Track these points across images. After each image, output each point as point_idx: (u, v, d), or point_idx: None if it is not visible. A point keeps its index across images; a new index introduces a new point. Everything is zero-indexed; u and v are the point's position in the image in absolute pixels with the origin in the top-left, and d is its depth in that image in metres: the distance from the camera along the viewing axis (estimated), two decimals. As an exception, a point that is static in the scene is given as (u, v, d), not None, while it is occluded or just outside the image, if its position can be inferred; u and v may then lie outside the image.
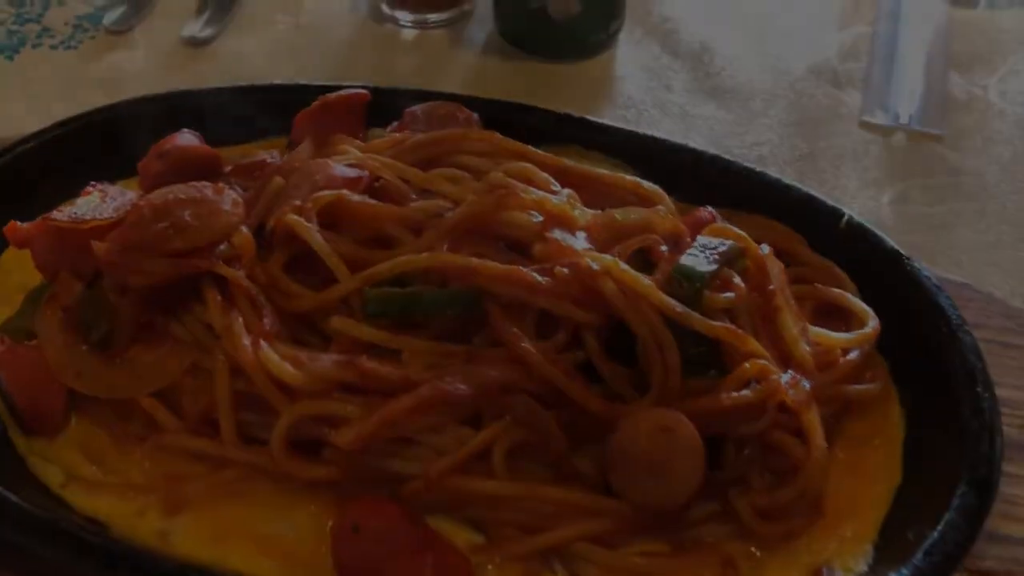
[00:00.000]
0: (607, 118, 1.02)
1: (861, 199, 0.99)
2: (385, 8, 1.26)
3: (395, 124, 0.88)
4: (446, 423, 0.67)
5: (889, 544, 0.67)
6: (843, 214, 0.82)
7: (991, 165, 1.03)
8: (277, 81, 0.98)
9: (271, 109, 0.92)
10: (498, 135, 0.83)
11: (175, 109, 0.91)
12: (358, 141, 0.84)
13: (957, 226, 0.96)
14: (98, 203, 0.77)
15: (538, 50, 1.17)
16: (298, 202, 0.74)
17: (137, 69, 1.17)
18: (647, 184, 0.81)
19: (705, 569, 0.65)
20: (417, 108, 0.87)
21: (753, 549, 0.66)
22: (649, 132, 0.93)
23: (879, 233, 0.81)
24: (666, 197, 0.80)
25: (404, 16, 1.25)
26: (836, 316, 0.78)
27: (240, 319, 0.69)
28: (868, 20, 1.22)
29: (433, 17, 1.24)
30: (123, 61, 1.19)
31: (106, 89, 1.09)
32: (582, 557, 0.65)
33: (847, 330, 0.76)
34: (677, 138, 0.94)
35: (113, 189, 0.80)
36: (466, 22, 1.24)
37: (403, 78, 1.12)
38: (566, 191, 0.76)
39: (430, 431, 0.67)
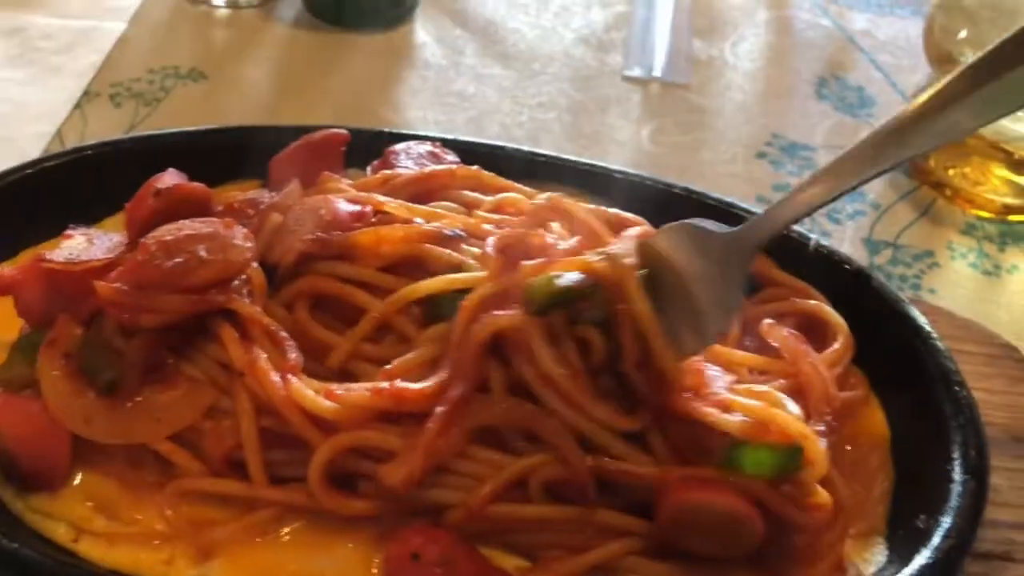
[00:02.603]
0: (410, 79, 1.25)
1: (626, 132, 1.20)
2: None
3: (375, 163, 0.88)
4: (476, 450, 0.67)
5: (898, 535, 0.71)
6: (810, 239, 0.88)
7: (727, 104, 1.26)
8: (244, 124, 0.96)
9: (239, 151, 0.91)
10: (483, 171, 0.85)
11: (136, 153, 0.89)
12: (346, 180, 0.84)
13: (702, 149, 1.18)
14: (85, 245, 0.74)
15: (343, 23, 1.31)
16: (309, 236, 0.73)
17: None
18: (631, 216, 0.84)
19: (742, 573, 0.68)
20: (398, 147, 0.88)
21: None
22: (600, 160, 0.98)
23: (845, 255, 0.87)
24: (647, 225, 0.84)
25: None
26: (815, 331, 0.83)
27: (263, 355, 0.67)
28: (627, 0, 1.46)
29: None
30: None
31: None
32: (628, 571, 0.66)
33: (825, 345, 0.81)
34: (470, 93, 1.19)
35: (95, 232, 0.77)
36: (275, 2, 1.35)
37: (219, 54, 1.25)
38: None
39: (463, 458, 0.67)
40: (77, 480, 0.68)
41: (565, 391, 0.64)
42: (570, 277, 0.66)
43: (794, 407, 0.69)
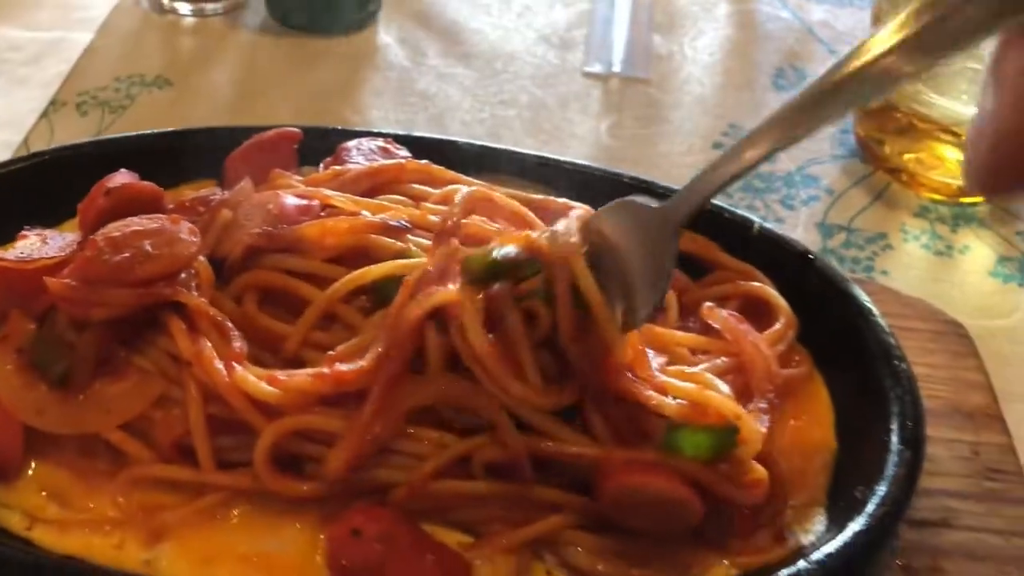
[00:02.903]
0: (373, 81, 1.27)
1: (585, 126, 1.22)
2: (166, 1, 1.36)
3: (327, 160, 0.90)
4: (418, 429, 0.69)
5: (838, 505, 0.73)
6: (753, 222, 0.90)
7: (685, 97, 1.28)
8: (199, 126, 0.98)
9: (195, 152, 0.93)
10: (433, 165, 0.87)
11: (95, 156, 0.91)
12: (297, 176, 0.86)
13: (659, 141, 1.21)
14: (39, 245, 0.76)
15: (307, 28, 1.34)
16: (257, 230, 0.75)
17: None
18: (561, 201, 0.86)
19: (682, 543, 0.69)
20: (349, 143, 0.90)
21: (721, 521, 0.71)
22: (571, 157, 1.00)
23: (789, 237, 0.89)
24: (582, 207, 0.86)
25: (183, 7, 1.36)
26: (759, 313, 0.85)
27: (208, 344, 0.69)
28: (588, -1, 1.47)
29: (210, 7, 1.36)
30: None
31: None
32: (569, 543, 0.68)
33: (769, 325, 0.83)
34: (432, 92, 1.23)
35: (50, 232, 0.79)
36: (241, 10, 1.38)
37: (184, 61, 1.28)
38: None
39: (405, 438, 0.69)
40: (31, 471, 0.70)
41: (488, 367, 0.65)
42: (508, 249, 0.68)
43: (725, 387, 0.71)
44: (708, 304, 0.81)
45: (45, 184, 0.88)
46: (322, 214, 0.80)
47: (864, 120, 1.17)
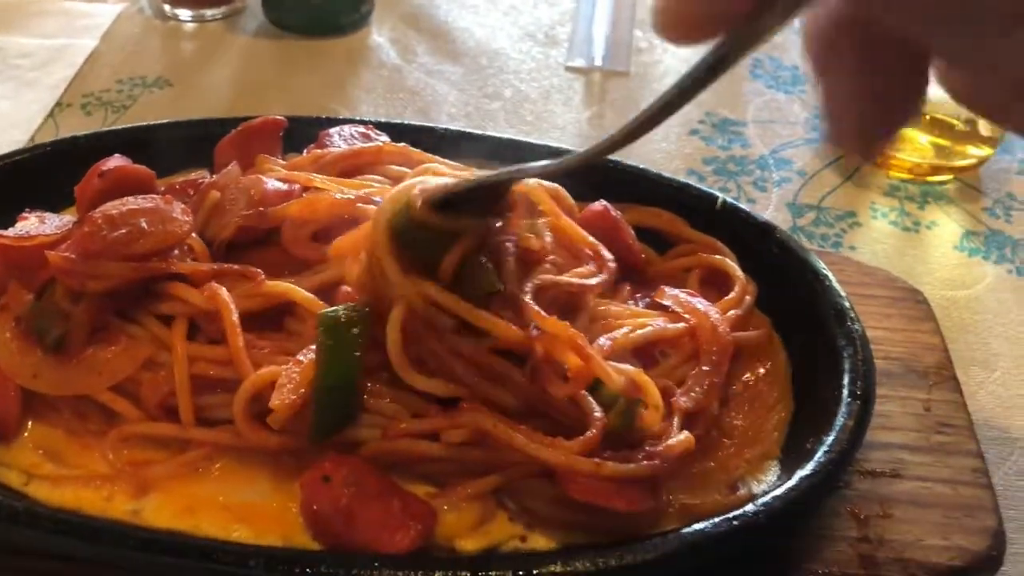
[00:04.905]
0: (364, 78, 1.32)
1: (567, 117, 1.27)
2: (167, 8, 1.43)
3: (311, 146, 0.95)
4: (388, 390, 0.73)
5: (791, 458, 0.76)
6: (717, 197, 0.94)
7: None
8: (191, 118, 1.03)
9: (187, 142, 0.98)
10: (411, 148, 0.92)
11: (93, 148, 0.96)
12: (281, 160, 0.91)
13: None
14: (37, 224, 0.81)
15: (302, 31, 1.41)
16: (246, 212, 0.80)
17: None
18: (547, 184, 0.90)
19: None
20: (331, 130, 0.95)
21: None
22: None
23: (750, 211, 0.93)
24: (563, 191, 0.90)
25: (184, 13, 1.42)
26: (720, 283, 0.89)
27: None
28: (572, -2, 1.53)
29: (209, 12, 1.43)
30: None
31: None
32: (530, 492, 0.71)
33: (727, 294, 0.87)
34: (420, 88, 1.28)
35: (48, 215, 0.84)
36: (239, 15, 1.44)
37: (184, 64, 1.34)
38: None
39: (376, 398, 0.73)
40: (27, 432, 0.75)
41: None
42: None
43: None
44: (664, 288, 0.85)
45: (45, 174, 0.93)
46: (304, 195, 0.85)
47: (838, 106, 1.21)
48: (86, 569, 0.66)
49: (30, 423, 0.75)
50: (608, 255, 0.83)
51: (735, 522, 0.68)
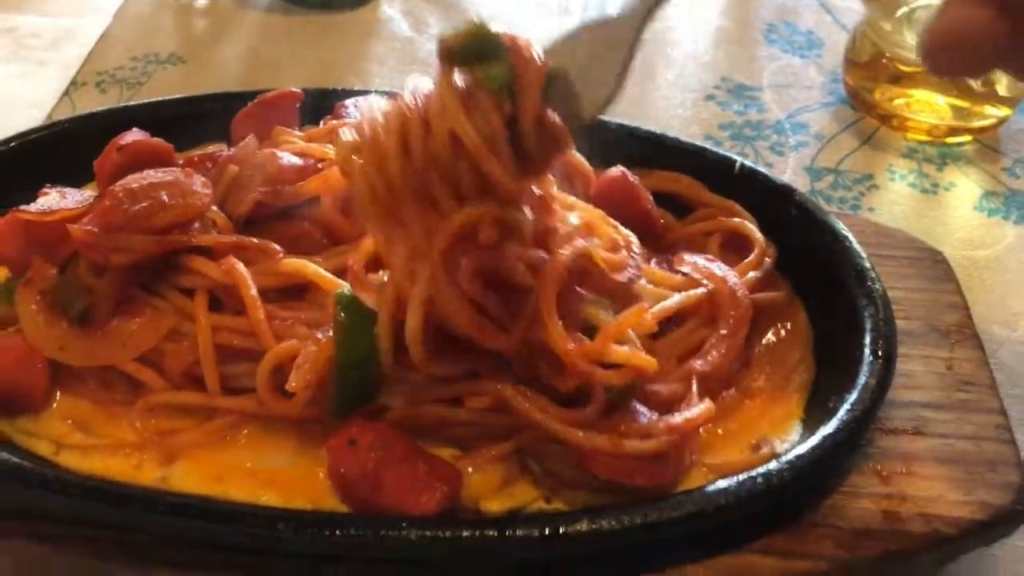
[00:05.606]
0: (376, 51, 1.32)
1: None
2: None
3: (327, 118, 0.95)
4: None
5: (814, 418, 0.76)
6: (735, 161, 0.94)
7: (678, 54, 1.33)
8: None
9: (203, 117, 0.98)
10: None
11: (110, 123, 0.96)
12: (298, 132, 0.91)
13: (654, 96, 1.24)
14: (58, 199, 0.82)
15: (313, 5, 1.40)
16: (264, 188, 0.80)
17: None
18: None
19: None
20: (347, 101, 0.95)
21: (701, 432, 0.75)
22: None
23: (768, 173, 0.93)
24: (580, 158, 0.90)
25: None
26: (740, 246, 0.89)
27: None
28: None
29: None
30: None
31: None
32: (553, 454, 0.72)
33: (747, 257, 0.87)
34: (433, 59, 1.17)
35: (69, 190, 0.84)
36: None
37: (197, 40, 1.34)
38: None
39: (402, 367, 0.73)
40: (55, 403, 0.75)
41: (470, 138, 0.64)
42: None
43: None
44: (683, 255, 0.85)
45: (64, 150, 0.94)
46: (320, 166, 0.85)
47: (853, 70, 1.20)
48: (116, 536, 0.67)
49: (58, 394, 0.76)
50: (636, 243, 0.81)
51: (759, 480, 0.68)
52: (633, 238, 0.80)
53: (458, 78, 0.66)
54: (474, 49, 0.66)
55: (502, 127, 0.65)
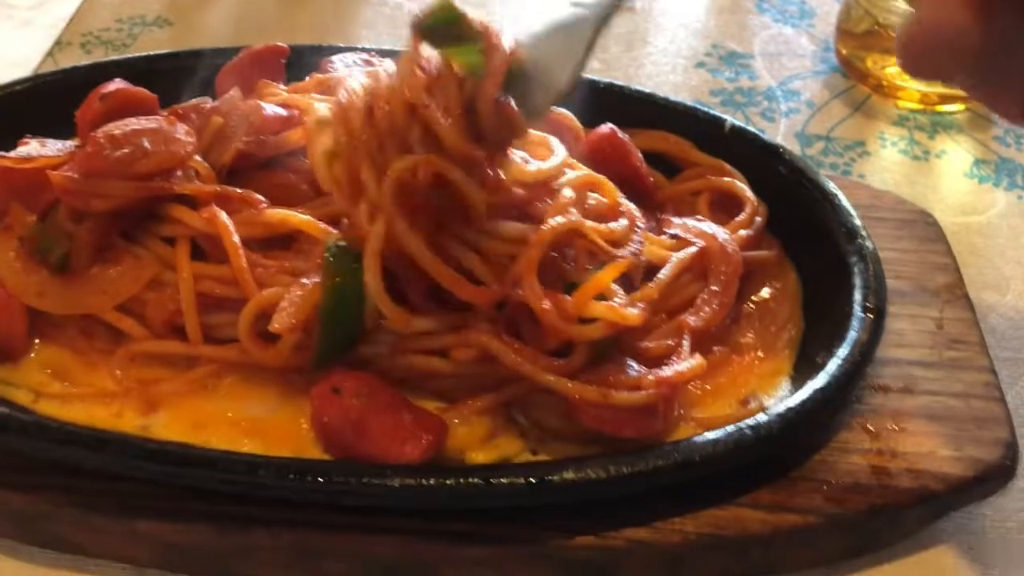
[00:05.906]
0: (365, 14, 1.30)
1: None
2: None
3: (313, 75, 0.94)
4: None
5: (802, 375, 0.76)
6: (725, 120, 0.93)
7: (670, 22, 1.32)
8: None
9: (188, 72, 0.96)
10: (415, 73, 0.90)
11: (93, 78, 0.94)
12: (282, 85, 0.90)
13: (645, 62, 1.23)
14: (39, 147, 0.80)
15: None
16: (247, 138, 0.79)
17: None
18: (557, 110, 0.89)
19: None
20: (334, 57, 0.94)
21: (691, 387, 0.74)
22: None
23: (758, 132, 0.92)
24: (570, 115, 0.89)
25: None
26: (730, 205, 0.88)
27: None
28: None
29: None
30: None
31: None
32: (540, 405, 0.71)
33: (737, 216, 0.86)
34: None
35: (49, 140, 0.83)
36: None
37: (184, 3, 1.30)
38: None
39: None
40: (34, 352, 0.74)
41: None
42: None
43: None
44: (671, 218, 0.85)
45: (46, 104, 0.92)
46: (304, 118, 0.83)
47: (846, 39, 1.20)
48: (95, 484, 0.66)
49: (37, 343, 0.74)
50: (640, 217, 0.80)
51: (747, 431, 0.67)
52: (637, 212, 0.80)
53: (427, 53, 0.72)
54: (450, 32, 0.72)
55: (459, 101, 0.69)
